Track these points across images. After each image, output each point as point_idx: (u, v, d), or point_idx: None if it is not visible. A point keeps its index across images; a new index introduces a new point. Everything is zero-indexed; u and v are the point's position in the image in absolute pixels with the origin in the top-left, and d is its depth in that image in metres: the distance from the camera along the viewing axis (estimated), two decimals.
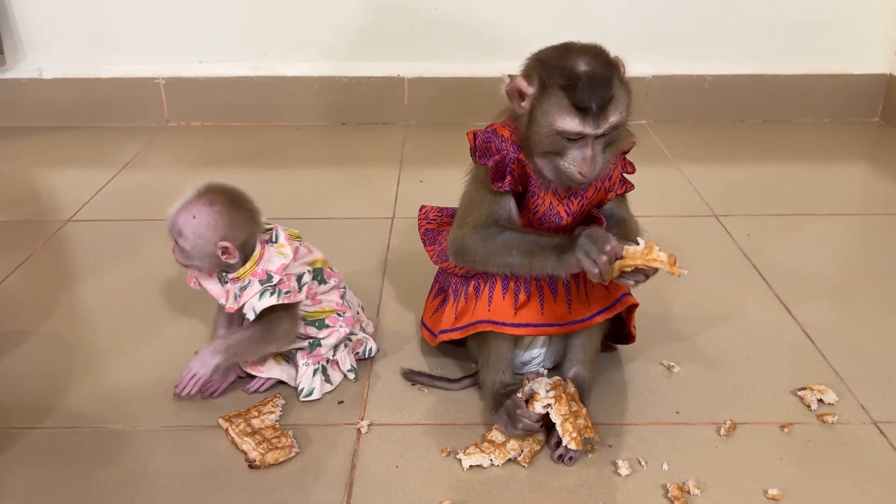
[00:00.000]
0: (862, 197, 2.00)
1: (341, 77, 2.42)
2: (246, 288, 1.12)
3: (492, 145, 1.05)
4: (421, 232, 1.24)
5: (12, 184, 2.05)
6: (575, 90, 0.94)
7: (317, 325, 1.19)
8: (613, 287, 1.08)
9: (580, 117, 0.95)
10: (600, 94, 0.94)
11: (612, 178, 1.08)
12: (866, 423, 1.12)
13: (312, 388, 1.17)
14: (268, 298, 1.10)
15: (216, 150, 2.27)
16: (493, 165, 1.04)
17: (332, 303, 1.21)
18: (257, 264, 1.13)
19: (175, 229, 1.11)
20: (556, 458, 1.03)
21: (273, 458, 1.02)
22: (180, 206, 1.11)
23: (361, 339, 1.25)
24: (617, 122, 0.97)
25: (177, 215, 1.11)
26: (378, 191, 1.96)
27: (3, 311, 1.42)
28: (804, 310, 1.41)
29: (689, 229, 1.75)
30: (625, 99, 0.98)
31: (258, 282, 1.11)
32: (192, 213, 1.10)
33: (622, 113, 0.97)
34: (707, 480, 1.00)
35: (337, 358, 1.21)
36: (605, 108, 0.95)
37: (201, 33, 2.38)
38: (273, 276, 1.11)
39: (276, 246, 1.15)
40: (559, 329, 1.09)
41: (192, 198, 1.11)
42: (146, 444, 1.08)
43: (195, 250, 1.11)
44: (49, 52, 2.40)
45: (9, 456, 1.05)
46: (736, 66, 2.44)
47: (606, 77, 0.96)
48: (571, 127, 0.95)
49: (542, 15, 2.35)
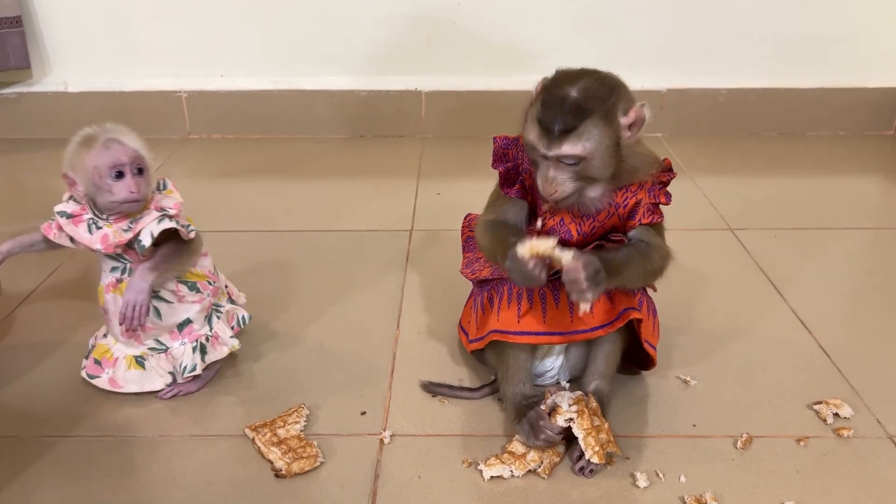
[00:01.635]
0: (877, 211, 2.00)
1: (360, 91, 2.45)
2: (140, 219, 1.14)
3: (509, 152, 1.11)
4: (463, 239, 1.28)
5: (39, 195, 2.09)
6: (547, 108, 0.99)
7: (188, 285, 1.21)
8: (618, 301, 1.09)
9: (538, 133, 0.99)
10: (565, 121, 0.97)
11: (628, 206, 1.08)
12: (882, 437, 1.13)
13: (195, 365, 1.20)
14: (166, 222, 1.13)
15: (237, 162, 2.31)
16: (504, 171, 1.11)
17: (206, 269, 1.24)
18: (150, 203, 1.16)
19: (135, 158, 1.12)
20: (576, 469, 1.05)
21: (299, 468, 1.05)
22: (115, 142, 1.12)
23: (231, 310, 1.27)
24: (575, 154, 0.98)
25: (126, 145, 1.12)
26: (396, 203, 1.99)
27: (35, 320, 1.46)
28: (820, 324, 1.42)
29: (705, 243, 1.77)
30: (598, 138, 0.98)
31: (155, 212, 1.14)
32: (132, 136, 1.14)
33: (586, 148, 0.98)
34: (724, 493, 1.02)
35: (216, 331, 1.23)
36: (564, 135, 0.97)
37: (223, 48, 2.43)
38: (169, 210, 1.15)
39: (166, 191, 1.20)
40: (562, 338, 1.10)
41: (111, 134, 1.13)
42: (175, 452, 1.10)
43: (150, 163, 1.15)
44: (74, 66, 2.45)
45: (41, 464, 1.08)
46: (751, 80, 2.45)
47: (582, 110, 0.97)
48: (530, 139, 1.01)
49: (560, 29, 2.38)
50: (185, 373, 1.20)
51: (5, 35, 2.32)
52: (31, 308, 1.50)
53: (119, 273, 1.18)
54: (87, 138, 1.13)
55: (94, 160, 1.12)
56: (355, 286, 1.57)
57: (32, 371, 1.30)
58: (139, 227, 1.13)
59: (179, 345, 1.21)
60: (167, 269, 1.16)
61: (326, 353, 1.34)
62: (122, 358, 1.22)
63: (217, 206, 1.98)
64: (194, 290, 1.21)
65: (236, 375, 1.28)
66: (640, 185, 1.08)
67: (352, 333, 1.40)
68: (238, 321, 1.29)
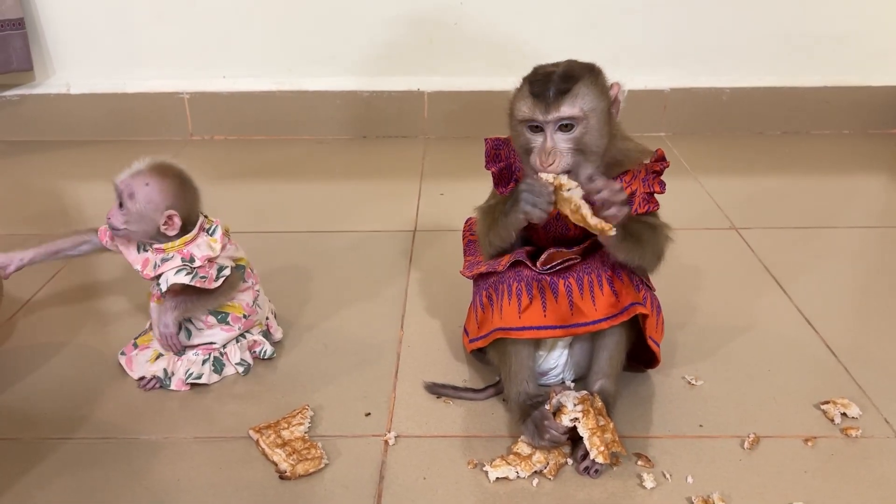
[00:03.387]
0: (883, 209, 1.99)
1: (362, 91, 2.45)
2: (168, 260, 1.20)
3: (501, 153, 1.13)
4: (464, 242, 1.28)
5: (41, 197, 2.09)
6: (535, 82, 1.02)
7: (218, 318, 1.26)
8: (623, 296, 1.09)
9: (532, 103, 1.02)
10: (557, 84, 1.01)
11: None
12: (890, 437, 1.12)
13: (201, 374, 1.25)
14: (182, 276, 1.18)
15: (239, 163, 2.31)
16: (497, 171, 1.13)
17: (243, 303, 1.29)
18: (187, 244, 1.21)
19: (127, 191, 1.17)
20: (581, 469, 1.04)
21: (303, 470, 1.04)
22: (134, 172, 1.18)
23: (259, 341, 1.31)
24: (573, 115, 1.01)
25: (130, 179, 1.17)
26: (399, 204, 1.98)
27: (37, 323, 1.46)
28: (826, 323, 1.41)
29: (709, 242, 1.76)
30: (591, 98, 1.02)
31: (180, 259, 1.19)
32: (145, 180, 1.17)
33: (582, 108, 1.01)
34: (731, 494, 1.01)
35: (227, 351, 1.27)
36: (560, 96, 1.01)
37: (225, 49, 2.42)
38: (195, 261, 1.20)
39: (210, 239, 1.23)
40: (564, 332, 1.10)
41: (145, 168, 1.19)
42: (178, 454, 1.10)
43: (140, 216, 1.18)
44: (77, 68, 2.45)
45: (44, 467, 1.08)
46: (754, 79, 2.44)
47: (571, 75, 1.02)
48: (525, 112, 1.03)
49: (562, 29, 2.37)
50: (191, 378, 1.24)
51: (8, 37, 2.32)
52: (33, 311, 1.50)
53: (157, 290, 1.24)
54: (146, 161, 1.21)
55: None
56: (358, 287, 1.56)
57: (35, 374, 1.29)
58: (162, 269, 1.20)
59: (193, 354, 1.26)
60: (187, 310, 1.23)
61: (330, 355, 1.34)
62: (151, 350, 1.27)
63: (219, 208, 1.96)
64: (224, 321, 1.27)
65: (240, 377, 1.27)
66: (634, 175, 1.09)
67: (355, 335, 1.39)
68: (261, 352, 1.32)
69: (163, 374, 1.24)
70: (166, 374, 1.24)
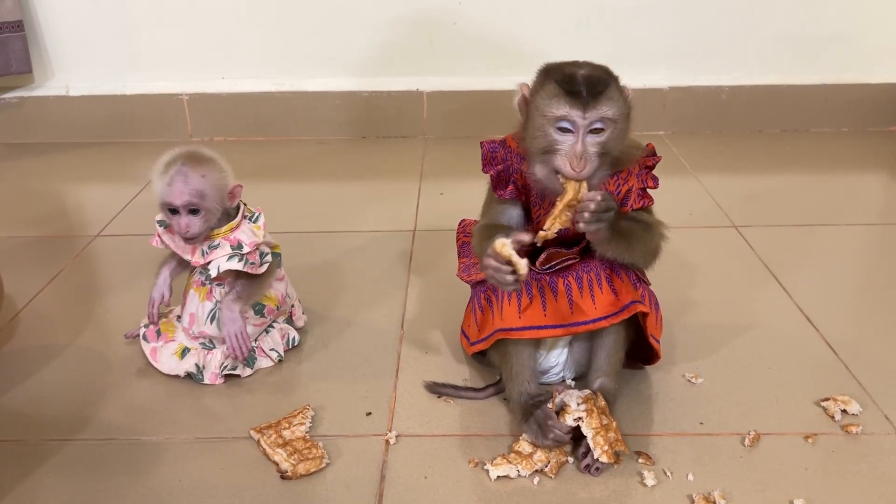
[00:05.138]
0: (882, 206, 2.00)
1: (362, 92, 2.45)
2: (216, 247, 1.21)
3: (497, 155, 1.13)
4: (458, 245, 1.27)
5: (42, 200, 2.09)
6: (568, 81, 1.00)
7: (255, 309, 1.27)
8: (623, 294, 1.09)
9: (570, 101, 1.00)
10: (593, 83, 1.00)
11: (620, 194, 1.09)
12: (891, 433, 1.12)
13: (235, 366, 1.26)
14: (235, 263, 1.20)
15: (239, 164, 2.27)
16: (495, 174, 1.12)
17: (279, 293, 1.31)
18: (233, 231, 1.22)
19: (195, 196, 1.16)
20: (583, 467, 1.04)
21: (304, 469, 1.05)
22: (180, 178, 1.15)
23: (283, 329, 1.32)
24: (610, 116, 1.00)
25: (185, 185, 1.15)
26: (399, 204, 1.99)
27: (38, 325, 1.46)
28: (826, 320, 1.41)
29: (709, 240, 1.76)
30: (621, 104, 1.02)
31: (229, 246, 1.21)
32: (200, 173, 1.17)
33: (616, 111, 1.01)
34: (732, 491, 1.01)
35: (260, 344, 1.29)
36: (597, 96, 1.00)
37: (224, 50, 2.42)
38: (243, 246, 1.21)
39: (254, 225, 1.25)
40: (564, 330, 1.10)
41: (185, 166, 1.16)
42: (180, 455, 1.10)
43: (214, 208, 1.18)
44: (76, 71, 2.45)
45: (46, 468, 1.08)
46: (753, 77, 2.44)
47: (602, 78, 1.01)
48: (560, 112, 1.00)
49: (561, 28, 2.37)
50: (225, 371, 1.25)
51: (7, 39, 2.32)
52: (34, 311, 1.50)
53: (203, 278, 1.26)
54: (167, 164, 1.17)
55: (158, 191, 1.18)
56: (359, 287, 1.57)
57: (37, 375, 1.29)
58: (212, 257, 1.21)
59: (223, 350, 1.26)
60: (248, 297, 1.25)
61: (331, 354, 1.34)
62: (176, 343, 1.27)
63: None
64: (259, 314, 1.28)
65: (240, 377, 1.27)
66: (629, 172, 1.09)
67: (356, 334, 1.40)
68: (288, 340, 1.33)
69: (195, 369, 1.24)
70: (198, 370, 1.24)
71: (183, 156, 1.17)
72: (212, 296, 1.25)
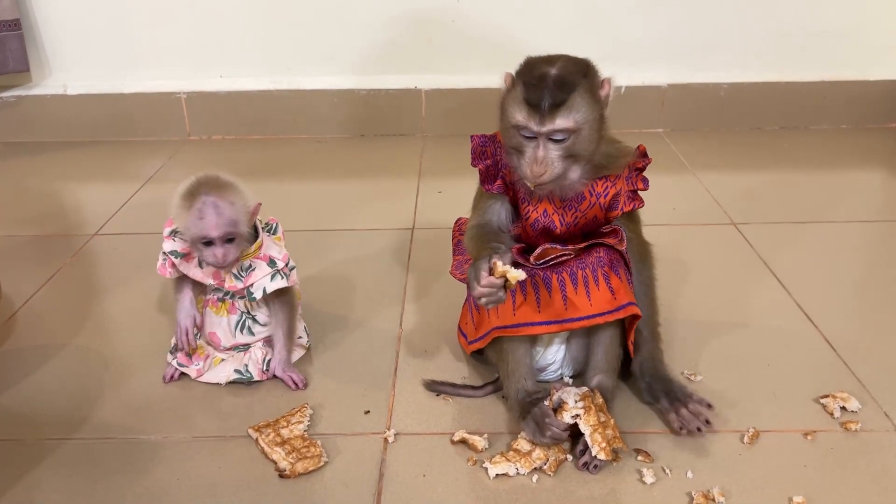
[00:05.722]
0: (881, 203, 1.99)
1: (360, 90, 2.44)
2: (252, 269, 1.21)
3: (487, 149, 1.14)
4: (453, 242, 1.27)
5: (39, 199, 2.09)
6: (531, 87, 1.00)
7: None
8: (620, 294, 1.09)
9: (528, 112, 1.00)
10: (553, 94, 0.99)
11: (608, 196, 1.10)
12: (890, 430, 1.12)
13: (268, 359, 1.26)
14: (279, 281, 1.21)
15: (237, 163, 2.30)
16: (483, 168, 1.13)
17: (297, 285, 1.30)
18: (261, 249, 1.21)
19: (230, 225, 1.14)
20: (580, 465, 1.04)
21: (303, 468, 1.04)
22: (211, 210, 1.12)
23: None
24: (567, 127, 1.00)
25: (219, 215, 1.12)
26: (397, 202, 1.98)
27: (35, 324, 1.45)
28: (825, 317, 1.41)
29: (708, 238, 1.76)
30: (586, 110, 1.01)
31: (265, 265, 1.21)
32: (229, 200, 1.14)
33: (577, 121, 1.00)
34: (732, 488, 1.01)
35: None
36: (555, 108, 0.99)
37: (222, 48, 2.42)
38: (277, 262, 1.22)
39: (275, 237, 1.25)
40: (558, 327, 1.10)
41: (208, 197, 1.13)
42: (178, 454, 1.10)
43: (245, 230, 1.17)
44: (73, 69, 2.44)
45: (44, 467, 1.08)
46: (752, 74, 2.44)
47: (568, 83, 1.00)
48: (519, 120, 1.01)
49: (559, 26, 2.37)
50: (267, 367, 1.25)
51: (4, 38, 2.31)
52: (32, 311, 1.50)
53: (221, 294, 1.24)
54: (189, 194, 1.14)
55: (187, 224, 1.14)
56: (357, 285, 1.56)
57: (35, 374, 1.29)
58: (251, 280, 1.20)
59: (260, 347, 1.27)
60: (292, 338, 1.27)
61: (329, 353, 1.34)
62: (212, 357, 1.27)
63: None
64: None
65: None
66: (618, 175, 1.10)
67: (354, 332, 1.39)
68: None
69: (240, 374, 1.24)
70: (246, 369, 1.24)
71: (205, 185, 1.14)
72: (235, 308, 1.25)
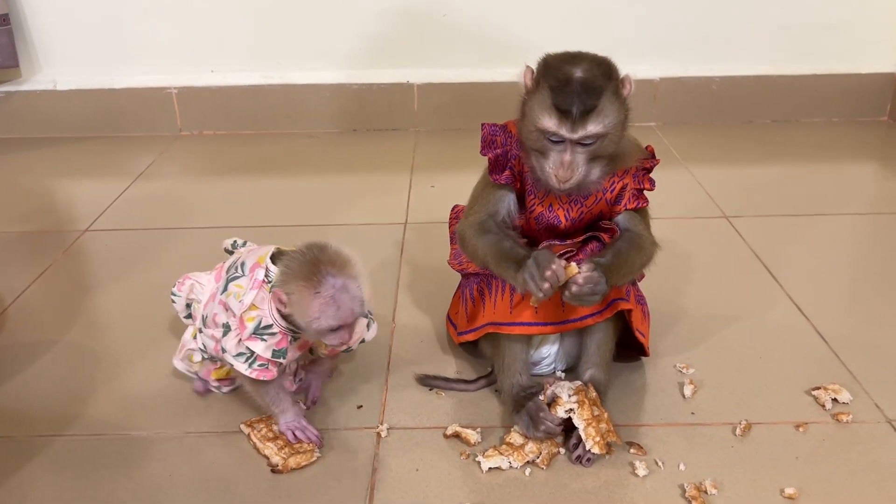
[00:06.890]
0: (873, 196, 2.00)
1: (352, 84, 2.44)
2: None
3: (497, 139, 1.11)
4: (451, 231, 1.26)
5: (30, 195, 2.08)
6: (560, 92, 0.98)
7: None
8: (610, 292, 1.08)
9: (558, 119, 0.98)
10: (584, 100, 0.97)
11: (614, 191, 1.09)
12: (881, 421, 1.13)
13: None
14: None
15: (229, 158, 2.29)
16: (493, 158, 1.10)
17: None
18: None
19: (363, 306, 1.04)
20: (574, 458, 1.04)
21: (295, 463, 1.04)
22: (345, 297, 1.01)
23: None
24: (598, 133, 0.99)
25: (353, 300, 1.02)
26: (390, 196, 1.98)
27: (26, 320, 1.45)
28: (817, 310, 1.42)
29: (700, 231, 1.76)
30: (614, 114, 1.00)
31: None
32: (356, 284, 1.03)
33: (606, 125, 0.99)
34: (724, 480, 1.01)
35: None
36: (586, 115, 0.98)
37: (213, 43, 2.41)
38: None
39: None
40: (554, 328, 1.10)
41: (336, 280, 1.01)
42: (171, 450, 1.09)
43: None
44: (63, 65, 2.43)
45: (35, 464, 1.07)
46: (744, 68, 2.45)
47: (596, 87, 0.98)
48: (549, 126, 0.99)
49: (552, 19, 2.37)
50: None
51: None
52: (23, 307, 1.49)
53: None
54: (316, 281, 1.00)
55: (319, 312, 1.00)
56: None
57: (26, 371, 1.28)
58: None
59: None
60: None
61: None
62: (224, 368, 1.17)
63: (209, 203, 1.97)
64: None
65: None
66: (625, 170, 1.09)
67: None
68: None
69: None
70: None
71: (327, 264, 1.02)
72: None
